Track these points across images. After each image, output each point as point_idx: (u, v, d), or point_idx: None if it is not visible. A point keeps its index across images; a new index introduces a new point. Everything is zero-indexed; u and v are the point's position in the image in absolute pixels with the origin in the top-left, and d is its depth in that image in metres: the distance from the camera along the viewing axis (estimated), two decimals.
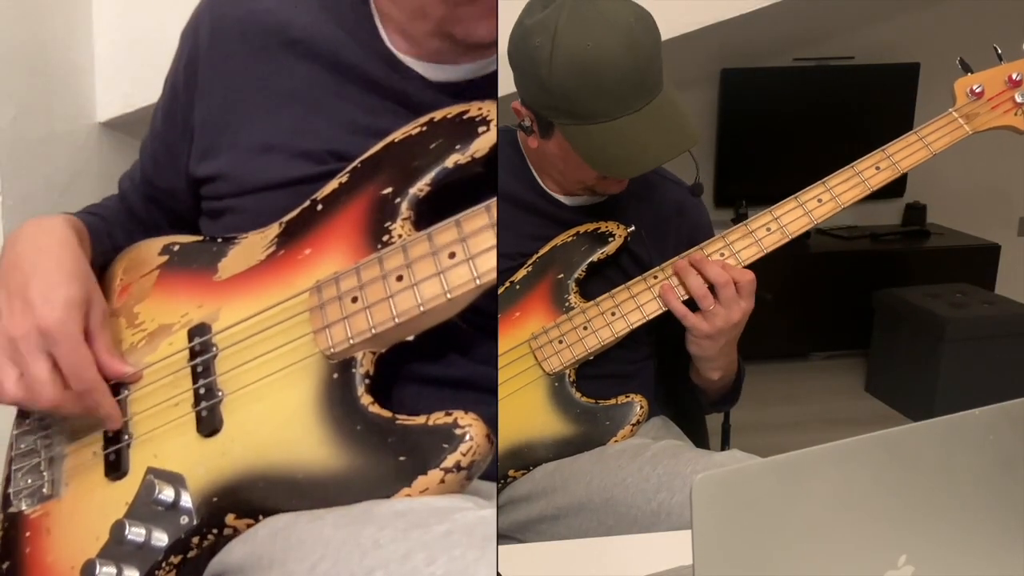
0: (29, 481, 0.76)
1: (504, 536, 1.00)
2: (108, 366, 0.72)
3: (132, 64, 1.48)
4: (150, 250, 0.81)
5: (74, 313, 0.70)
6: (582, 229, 1.05)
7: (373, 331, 0.66)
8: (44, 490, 0.75)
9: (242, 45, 0.79)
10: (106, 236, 0.84)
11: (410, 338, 0.68)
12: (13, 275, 0.72)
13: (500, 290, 1.04)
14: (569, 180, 1.03)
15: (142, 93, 1.45)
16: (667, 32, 0.98)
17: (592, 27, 0.88)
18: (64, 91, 1.43)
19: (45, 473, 0.75)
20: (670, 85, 0.94)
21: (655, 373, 1.11)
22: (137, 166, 0.92)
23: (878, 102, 3.14)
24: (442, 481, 0.61)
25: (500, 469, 1.00)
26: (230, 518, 0.65)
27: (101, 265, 0.82)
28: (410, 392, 0.71)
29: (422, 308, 0.65)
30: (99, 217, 0.87)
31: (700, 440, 1.18)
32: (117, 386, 0.74)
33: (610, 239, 1.03)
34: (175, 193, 0.87)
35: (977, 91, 1.01)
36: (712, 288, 0.96)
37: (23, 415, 0.81)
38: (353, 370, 0.66)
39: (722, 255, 1.00)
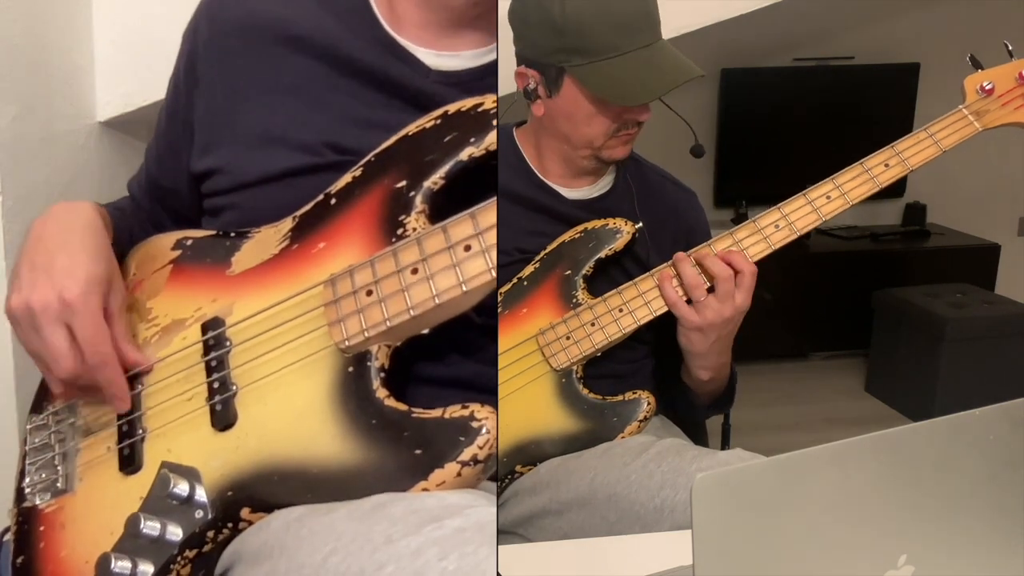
0: (43, 476, 0.76)
1: (506, 532, 1.00)
2: (123, 353, 0.73)
3: (132, 64, 1.48)
4: (162, 245, 0.82)
5: (95, 289, 0.72)
6: (590, 226, 1.05)
7: (388, 324, 0.66)
8: (58, 484, 0.75)
9: (241, 42, 0.80)
10: (126, 230, 0.85)
11: (425, 331, 0.68)
12: (38, 249, 0.74)
13: (508, 287, 1.04)
14: (576, 141, 1.03)
15: (142, 93, 1.46)
16: (667, 32, 0.98)
17: None
18: (64, 91, 1.42)
19: (59, 467, 0.76)
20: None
21: (652, 372, 1.11)
22: (143, 168, 0.94)
23: (878, 102, 3.14)
24: (459, 474, 0.61)
25: (507, 465, 1.00)
26: (245, 512, 0.65)
27: (118, 257, 0.83)
28: (412, 392, 0.71)
29: (437, 300, 0.65)
30: (121, 211, 0.88)
31: (700, 440, 1.18)
32: (132, 380, 0.74)
33: (618, 235, 1.04)
34: (179, 192, 0.88)
35: (987, 88, 1.01)
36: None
37: (36, 410, 0.81)
38: (368, 363, 0.66)
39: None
